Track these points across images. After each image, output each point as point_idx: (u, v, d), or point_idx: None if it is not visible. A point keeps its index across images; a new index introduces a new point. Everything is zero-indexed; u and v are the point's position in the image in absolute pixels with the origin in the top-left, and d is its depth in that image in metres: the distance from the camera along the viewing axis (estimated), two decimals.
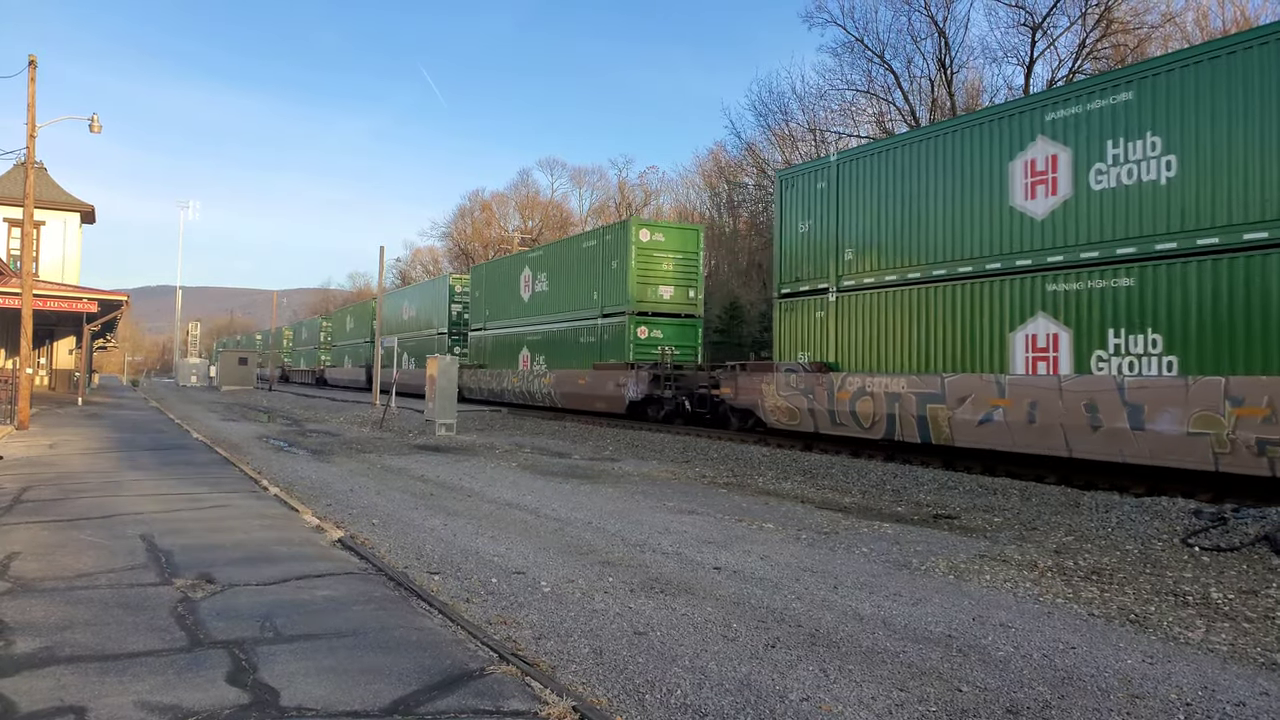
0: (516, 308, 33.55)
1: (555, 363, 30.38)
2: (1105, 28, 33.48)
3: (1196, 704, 4.55)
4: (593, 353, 27.89)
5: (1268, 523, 8.96)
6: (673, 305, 27.04)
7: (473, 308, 38.57)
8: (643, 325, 26.43)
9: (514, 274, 34.17)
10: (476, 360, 37.03)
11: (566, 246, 30.93)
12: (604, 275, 27.49)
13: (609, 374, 26.15)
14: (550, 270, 31.09)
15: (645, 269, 26.47)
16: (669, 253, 27.03)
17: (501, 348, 34.61)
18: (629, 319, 26.19)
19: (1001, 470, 14.37)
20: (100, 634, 5.00)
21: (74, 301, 29.84)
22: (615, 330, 26.77)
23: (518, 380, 32.46)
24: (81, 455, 14.91)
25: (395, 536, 8.62)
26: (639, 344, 26.20)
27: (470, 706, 4.05)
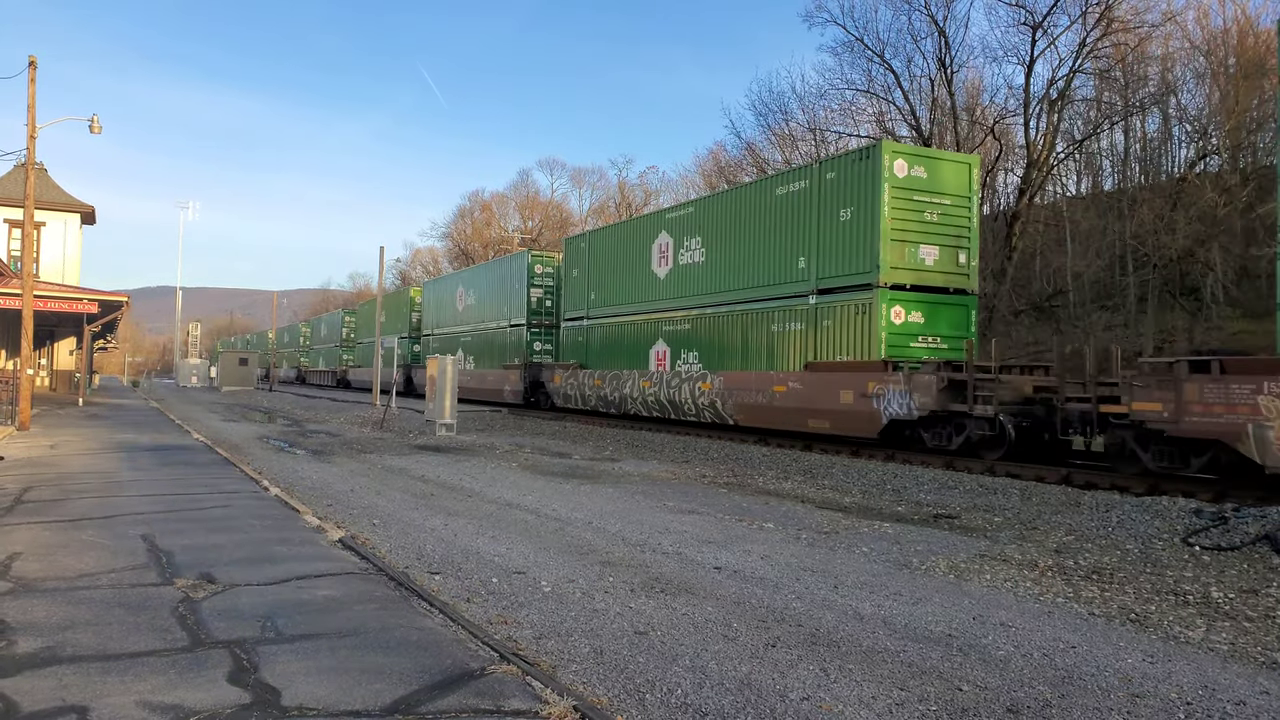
0: (645, 288, 25.24)
1: (720, 361, 21.91)
2: (1106, 27, 33.46)
3: (1197, 703, 4.55)
4: (796, 346, 19.36)
5: (1268, 522, 8.96)
6: (938, 275, 17.96)
7: (568, 291, 30.02)
8: (898, 304, 17.53)
9: (639, 242, 25.71)
10: (575, 358, 29.04)
11: (742, 197, 21.77)
12: (822, 232, 18.70)
13: (843, 378, 17.34)
14: (709, 232, 22.58)
15: (902, 220, 17.44)
16: (933, 197, 17.82)
17: (618, 342, 26.50)
18: (879, 295, 17.20)
19: (1001, 470, 14.37)
20: (102, 634, 5.01)
21: (74, 302, 29.86)
22: (849, 313, 17.94)
23: (650, 385, 24.03)
24: (82, 456, 14.92)
25: (396, 536, 8.63)
26: (894, 332, 17.45)
27: (471, 706, 4.05)
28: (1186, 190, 31.47)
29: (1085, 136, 37.24)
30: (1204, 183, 31.09)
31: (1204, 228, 29.64)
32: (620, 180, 78.86)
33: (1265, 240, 27.59)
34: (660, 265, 24.84)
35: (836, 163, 18.78)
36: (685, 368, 23.16)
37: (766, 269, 20.50)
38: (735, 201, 22.07)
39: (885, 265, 17.23)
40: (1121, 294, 33.29)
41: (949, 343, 18.02)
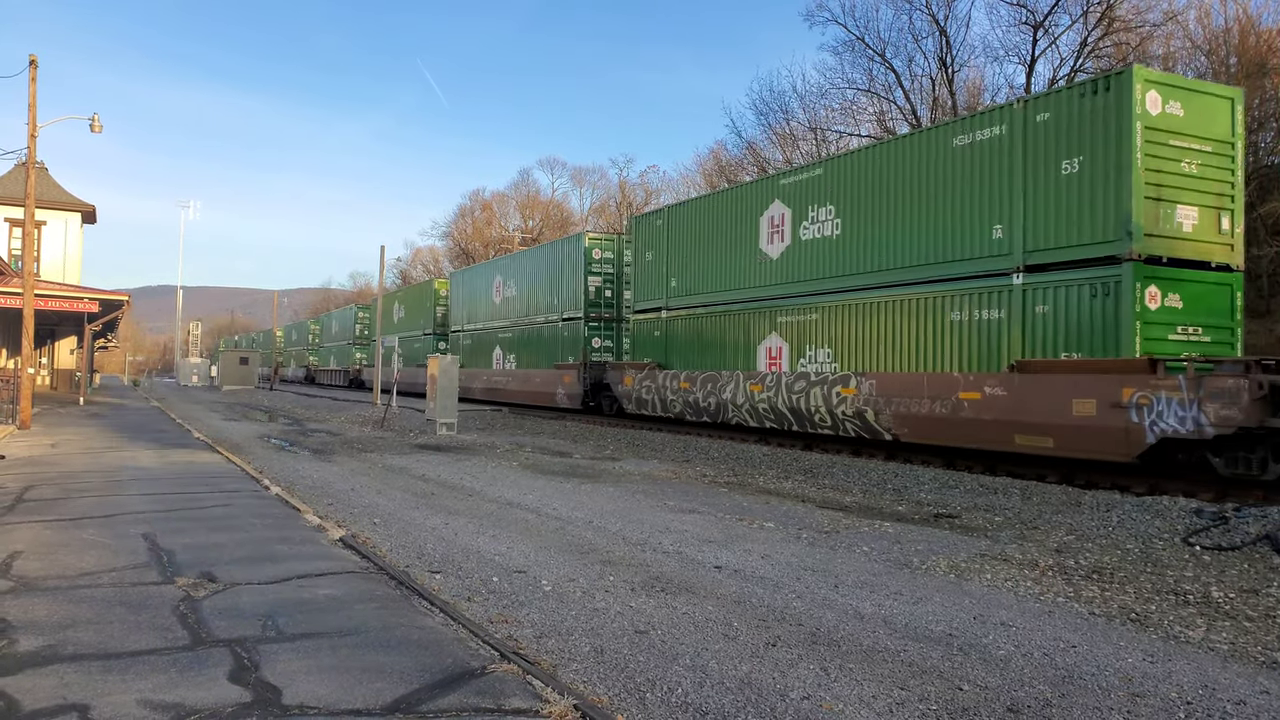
0: (749, 271, 20.29)
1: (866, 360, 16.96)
2: (1107, 26, 33.45)
3: (1197, 702, 4.55)
4: (989, 341, 14.65)
5: (1269, 522, 8.96)
6: (1198, 245, 13.50)
7: (639, 278, 25.03)
8: (1154, 283, 12.95)
9: (741, 216, 20.64)
10: (650, 356, 24.07)
11: (896, 152, 16.87)
12: (1034, 190, 14.13)
13: (1079, 382, 12.81)
14: (845, 199, 17.73)
15: (1157, 173, 13.00)
16: (1192, 142, 13.35)
17: (711, 337, 21.56)
18: (1131, 272, 12.67)
19: (1002, 470, 14.37)
20: (103, 632, 5.01)
21: (75, 301, 29.86)
22: (1080, 295, 13.37)
23: (762, 390, 18.96)
24: (84, 455, 14.93)
25: (396, 535, 8.63)
26: (1149, 321, 12.83)
27: (472, 705, 4.06)
28: None
29: None
30: None
31: None
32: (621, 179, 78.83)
33: (1266, 239, 27.57)
34: (772, 243, 19.77)
35: (1053, 99, 14.04)
36: (813, 367, 18.07)
37: (939, 241, 15.79)
38: (887, 158, 17.05)
39: (1139, 231, 12.71)
40: None
41: (1211, 334, 13.52)
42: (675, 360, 23.18)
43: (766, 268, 19.95)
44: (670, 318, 23.62)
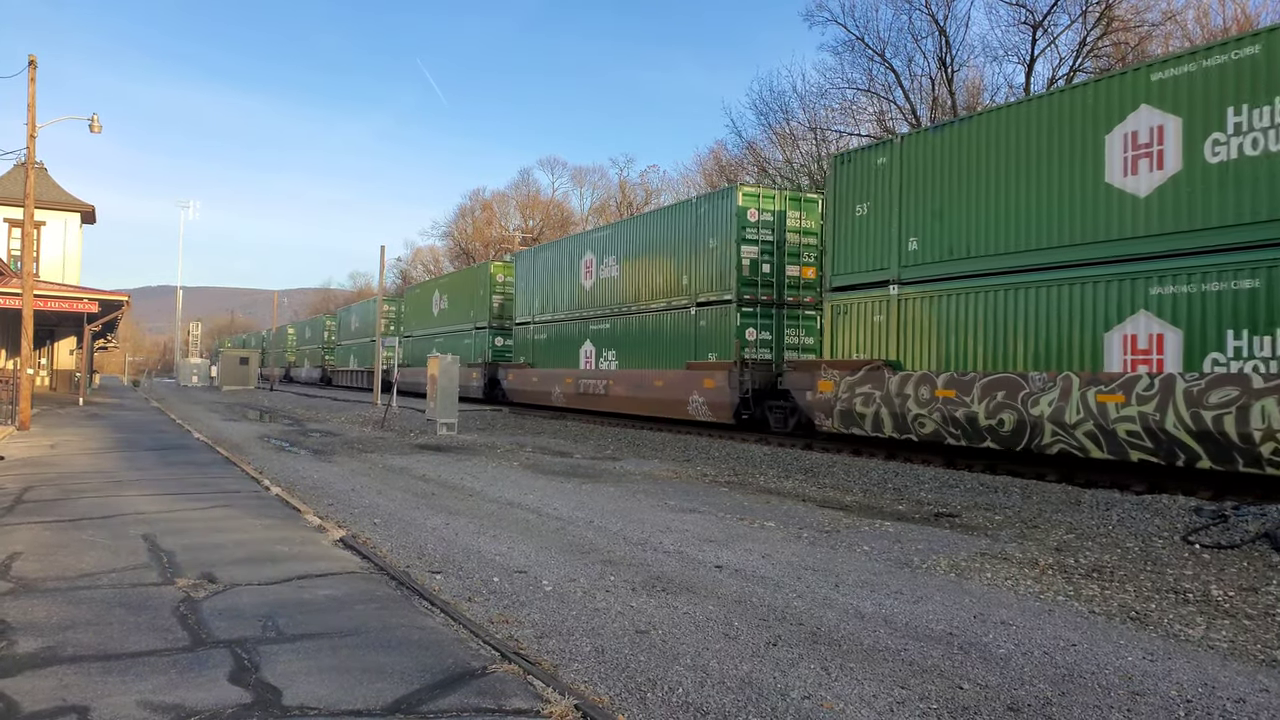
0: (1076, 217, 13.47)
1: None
2: (1106, 26, 33.45)
3: (1197, 701, 4.55)
4: None
5: (1268, 520, 8.97)
6: None
7: (843, 240, 17.75)
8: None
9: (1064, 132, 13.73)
10: (868, 349, 17.07)
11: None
12: None
13: None
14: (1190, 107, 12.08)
15: None
16: None
17: (988, 321, 14.73)
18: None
19: (1003, 469, 14.37)
20: (102, 634, 5.01)
21: (74, 302, 29.86)
22: None
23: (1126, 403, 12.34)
24: (83, 455, 14.93)
25: (397, 536, 8.63)
26: None
27: (472, 705, 4.06)
28: None
29: None
30: None
31: None
32: (621, 179, 78.90)
33: None
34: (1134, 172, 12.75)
35: None
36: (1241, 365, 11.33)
37: None
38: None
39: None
40: None
41: None
42: (916, 356, 16.04)
43: (1124, 208, 12.87)
44: (905, 296, 16.36)
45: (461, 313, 39.99)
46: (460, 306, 40.25)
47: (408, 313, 49.25)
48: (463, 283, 40.92)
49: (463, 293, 40.26)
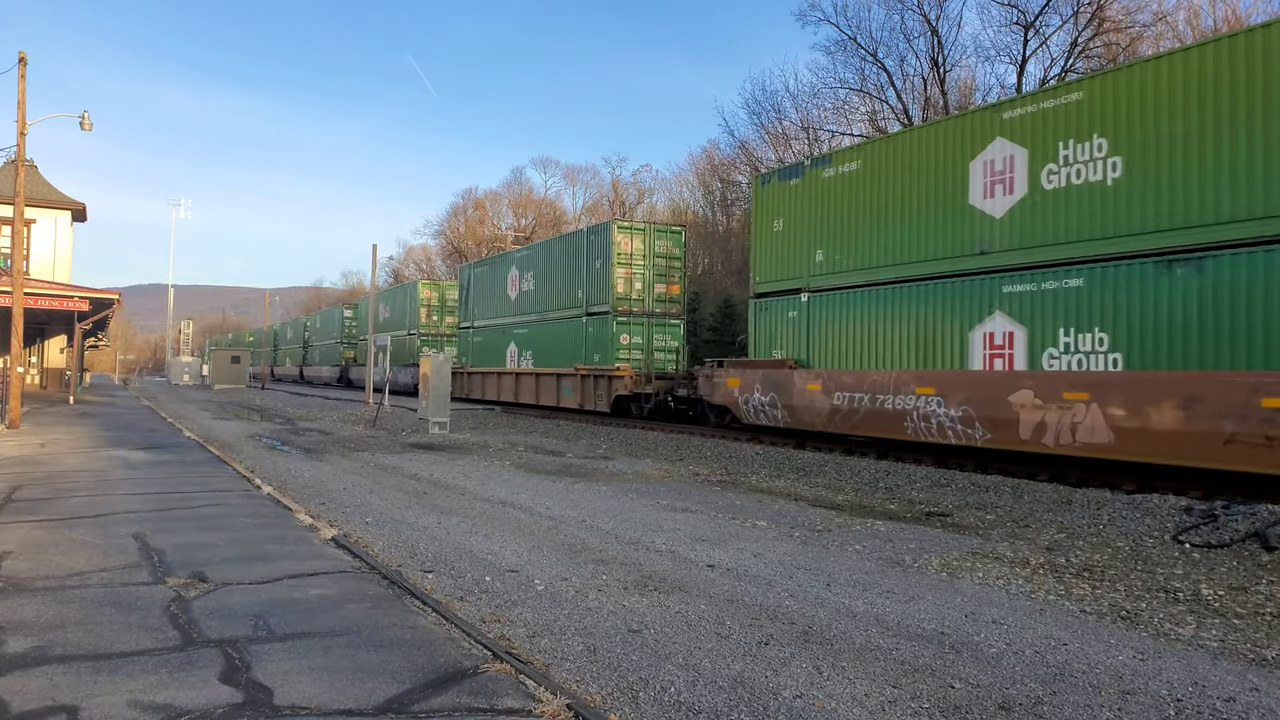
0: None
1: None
2: (1097, 26, 33.58)
3: (1187, 700, 4.57)
4: None
5: (1258, 519, 9.01)
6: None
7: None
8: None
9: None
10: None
11: None
12: None
13: None
14: None
15: None
16: None
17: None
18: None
19: (994, 468, 14.41)
20: (93, 633, 4.99)
21: (65, 300, 29.70)
22: None
23: None
24: (73, 454, 14.86)
25: (389, 535, 8.61)
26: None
27: (464, 705, 4.05)
28: None
29: None
30: None
31: None
32: (614, 178, 78.90)
33: None
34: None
35: None
36: None
37: None
38: None
39: None
40: None
41: None
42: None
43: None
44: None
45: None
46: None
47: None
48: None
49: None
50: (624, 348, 26.71)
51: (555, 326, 30.07)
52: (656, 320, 27.29)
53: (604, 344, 26.93)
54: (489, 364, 34.86)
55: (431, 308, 45.91)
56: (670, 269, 27.59)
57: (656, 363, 26.42)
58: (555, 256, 30.91)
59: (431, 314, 45.71)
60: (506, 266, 35.31)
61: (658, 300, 27.36)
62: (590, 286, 27.96)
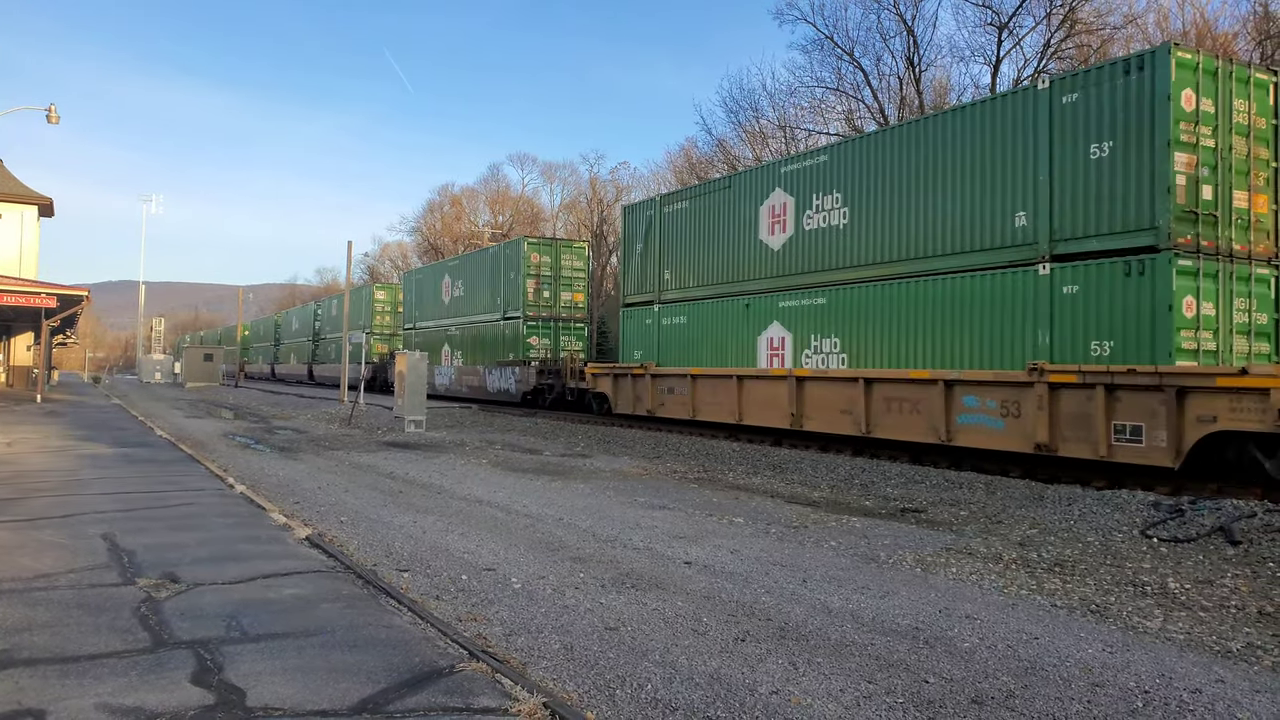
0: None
1: None
2: (1070, 28, 33.93)
3: (1154, 691, 4.65)
4: None
5: (1223, 515, 9.17)
6: None
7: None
8: None
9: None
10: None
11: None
12: None
13: None
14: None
15: None
16: None
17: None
18: None
19: (968, 465, 14.55)
20: (60, 635, 4.92)
21: (32, 296, 29.19)
22: None
23: None
24: (41, 453, 14.62)
25: (364, 534, 8.55)
26: None
27: (440, 704, 4.04)
28: None
29: None
30: None
31: None
32: (592, 176, 78.63)
33: None
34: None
35: None
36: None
37: None
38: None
39: None
40: None
41: None
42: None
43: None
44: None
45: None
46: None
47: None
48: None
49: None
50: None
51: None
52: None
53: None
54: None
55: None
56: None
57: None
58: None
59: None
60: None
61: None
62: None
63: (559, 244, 33.27)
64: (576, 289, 32.48)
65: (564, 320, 32.14)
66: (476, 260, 36.56)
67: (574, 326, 32.41)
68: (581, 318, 32.66)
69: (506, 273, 32.72)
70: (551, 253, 32.49)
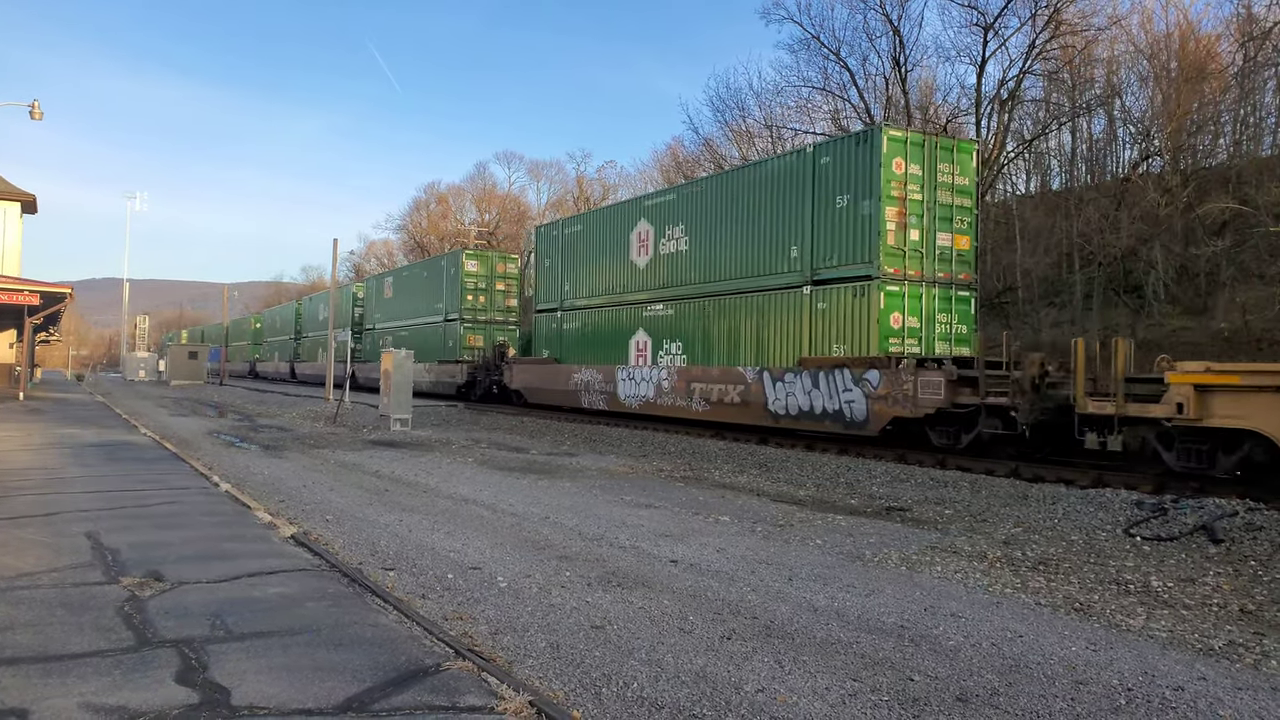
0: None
1: None
2: (1054, 29, 34.11)
3: (1137, 689, 4.69)
4: None
5: (1205, 513, 9.26)
6: None
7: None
8: None
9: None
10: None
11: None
12: None
13: None
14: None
15: None
16: None
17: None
18: None
19: (952, 464, 14.62)
20: (42, 635, 4.88)
21: (14, 294, 28.88)
22: None
23: None
24: (23, 452, 14.49)
25: (349, 533, 8.52)
26: None
27: (426, 703, 4.03)
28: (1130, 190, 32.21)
29: (1034, 136, 37.93)
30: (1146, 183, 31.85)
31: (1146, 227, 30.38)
32: (579, 174, 78.60)
33: (1204, 239, 28.38)
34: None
35: None
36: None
37: None
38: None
39: None
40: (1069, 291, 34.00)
41: None
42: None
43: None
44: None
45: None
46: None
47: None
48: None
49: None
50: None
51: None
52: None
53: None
54: None
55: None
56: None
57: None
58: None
59: None
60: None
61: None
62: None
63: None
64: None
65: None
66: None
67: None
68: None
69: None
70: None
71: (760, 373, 18.65)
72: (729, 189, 20.73)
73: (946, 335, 17.35)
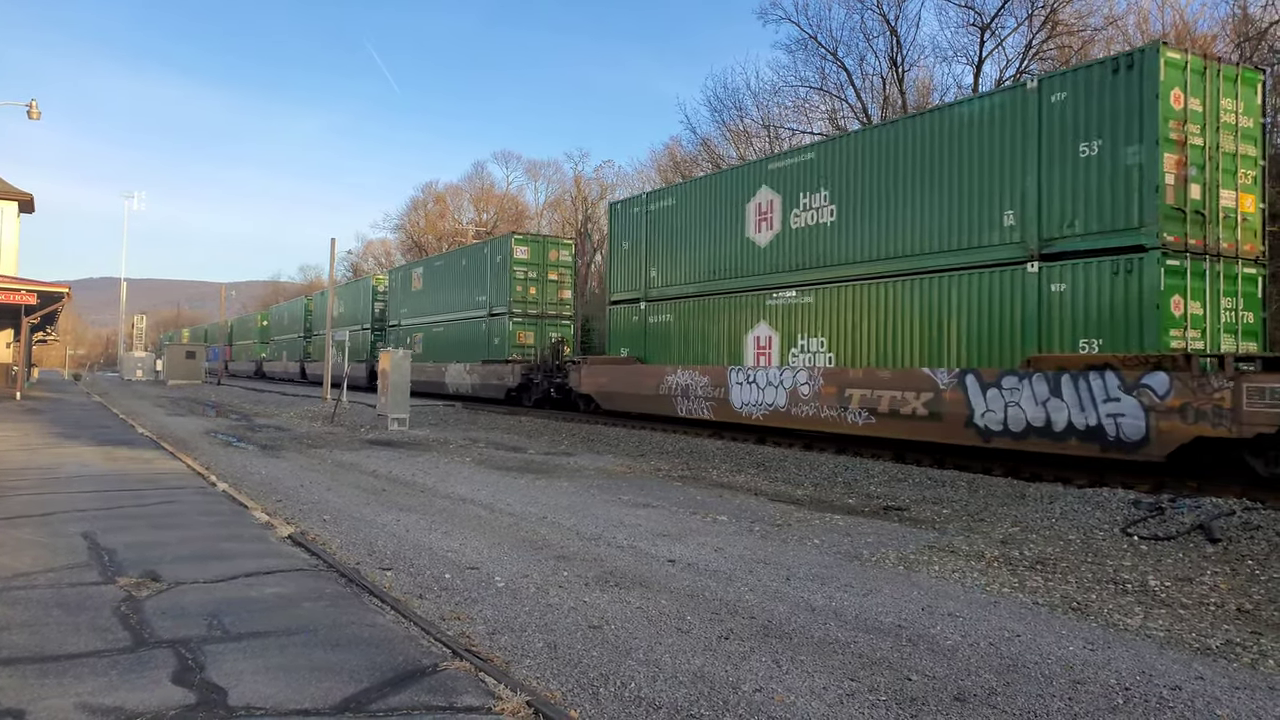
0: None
1: None
2: (1051, 29, 34.16)
3: (1135, 688, 4.69)
4: None
5: (1202, 512, 9.26)
6: None
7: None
8: None
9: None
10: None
11: None
12: None
13: None
14: None
15: None
16: None
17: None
18: None
19: (950, 463, 14.63)
20: (39, 635, 4.87)
21: (11, 293, 28.84)
22: None
23: None
24: (20, 451, 14.46)
25: (347, 532, 8.51)
26: None
27: (423, 703, 4.02)
28: None
29: None
30: None
31: None
32: (576, 174, 78.53)
33: None
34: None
35: None
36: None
37: None
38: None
39: None
40: None
41: None
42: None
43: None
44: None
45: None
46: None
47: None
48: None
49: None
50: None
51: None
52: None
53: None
54: None
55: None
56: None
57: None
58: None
59: None
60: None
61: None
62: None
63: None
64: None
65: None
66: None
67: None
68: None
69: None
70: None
71: (961, 376, 14.09)
72: (897, 142, 16.14)
73: (1232, 326, 13.26)
